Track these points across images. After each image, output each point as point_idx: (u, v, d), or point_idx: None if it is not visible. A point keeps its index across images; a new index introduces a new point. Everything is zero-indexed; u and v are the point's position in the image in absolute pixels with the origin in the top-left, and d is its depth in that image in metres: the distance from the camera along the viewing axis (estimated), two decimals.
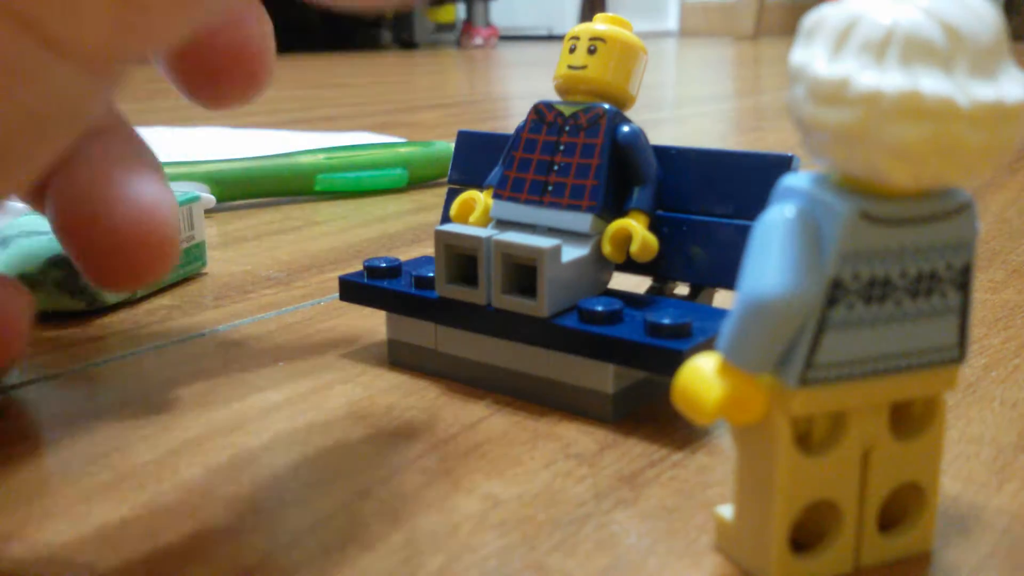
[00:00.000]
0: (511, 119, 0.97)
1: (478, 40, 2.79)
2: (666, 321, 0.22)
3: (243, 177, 0.49)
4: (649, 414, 0.23)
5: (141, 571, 0.17)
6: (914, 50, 0.13)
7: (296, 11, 2.71)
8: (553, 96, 0.26)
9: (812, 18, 0.14)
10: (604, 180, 0.24)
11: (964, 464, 0.21)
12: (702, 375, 0.15)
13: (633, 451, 0.22)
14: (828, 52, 0.14)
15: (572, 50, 0.25)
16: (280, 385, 0.25)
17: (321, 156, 0.51)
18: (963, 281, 0.16)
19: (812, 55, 0.14)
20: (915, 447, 0.17)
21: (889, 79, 0.13)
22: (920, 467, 0.17)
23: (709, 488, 0.20)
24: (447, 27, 2.91)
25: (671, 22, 3.68)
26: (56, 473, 0.21)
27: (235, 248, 0.41)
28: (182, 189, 0.37)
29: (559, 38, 3.17)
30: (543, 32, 3.28)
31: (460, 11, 2.94)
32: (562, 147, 0.25)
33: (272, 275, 0.36)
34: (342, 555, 0.17)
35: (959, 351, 0.16)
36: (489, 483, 0.20)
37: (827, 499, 0.16)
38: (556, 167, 0.25)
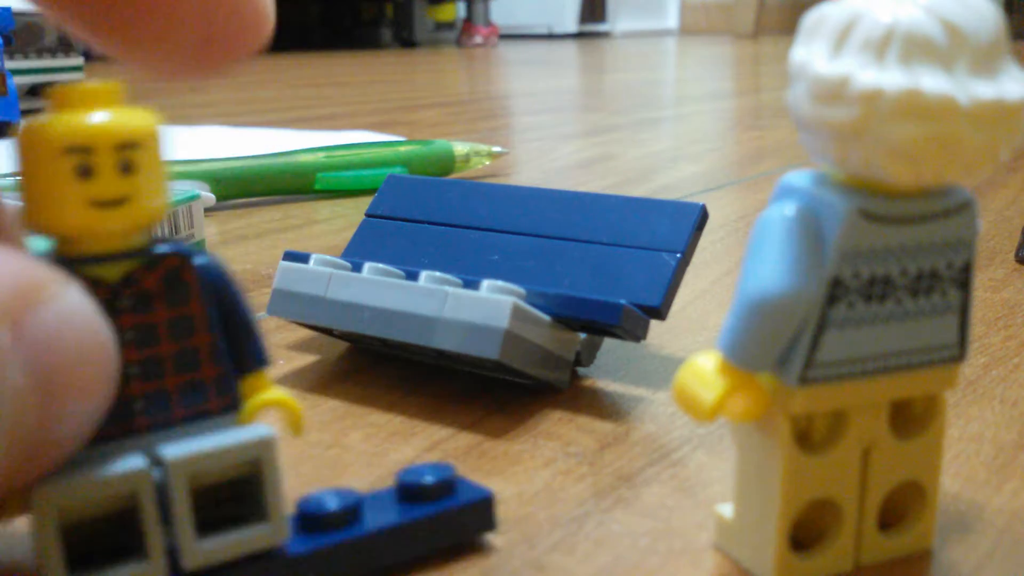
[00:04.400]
0: (511, 117, 0.97)
1: (478, 39, 2.78)
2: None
3: (243, 176, 0.49)
4: (649, 413, 0.23)
5: None
6: (915, 48, 0.13)
7: (294, 10, 2.71)
8: (553, 92, 0.26)
9: (813, 16, 0.14)
10: (226, 361, 0.16)
11: (964, 463, 0.21)
12: (702, 374, 0.15)
13: (633, 450, 0.21)
14: (828, 50, 0.14)
15: (85, 173, 0.14)
16: (282, 384, 0.25)
17: (321, 155, 0.51)
18: (964, 280, 0.16)
19: (812, 53, 0.14)
20: (915, 446, 0.17)
21: (889, 77, 0.13)
22: (920, 466, 0.17)
23: (709, 486, 0.20)
24: (447, 26, 2.91)
25: (671, 20, 3.68)
26: None
27: (236, 246, 0.41)
28: (182, 187, 0.37)
29: (559, 36, 3.17)
30: (543, 31, 3.28)
31: (460, 10, 2.94)
32: (131, 335, 0.15)
33: (273, 273, 0.36)
34: None
35: (959, 350, 0.16)
36: (489, 481, 0.20)
37: (827, 497, 0.16)
38: (135, 371, 0.15)
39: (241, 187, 0.49)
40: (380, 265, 0.25)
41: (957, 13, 0.13)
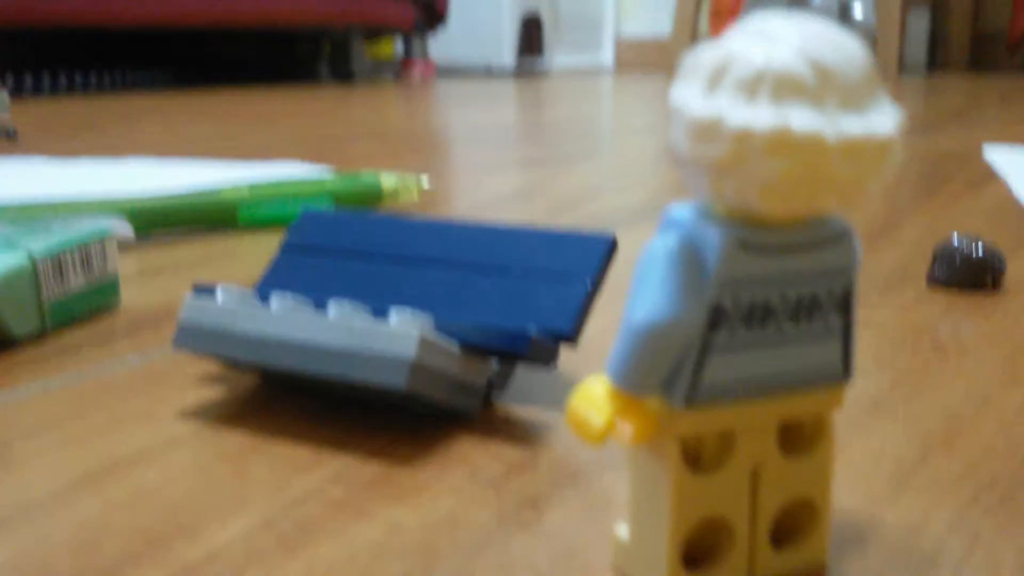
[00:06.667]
0: (445, 150, 0.97)
1: (416, 75, 2.80)
2: None
3: (164, 210, 0.48)
4: (559, 438, 0.24)
5: None
6: (784, 88, 0.14)
7: (230, 47, 2.69)
8: (488, 127, 0.26)
9: (690, 58, 0.15)
10: None
11: (863, 478, 0.21)
12: (592, 398, 0.16)
13: (540, 474, 0.22)
14: (703, 90, 0.14)
15: None
16: (188, 417, 0.25)
17: (245, 189, 0.51)
18: (845, 305, 0.16)
19: (688, 94, 0.14)
20: (805, 464, 0.17)
21: (760, 116, 0.13)
22: (811, 483, 0.17)
23: (612, 508, 0.20)
24: (385, 63, 2.92)
25: (606, 57, 3.73)
26: None
27: (153, 280, 0.40)
28: (97, 223, 0.37)
29: (497, 73, 3.19)
30: (481, 67, 3.30)
31: (398, 46, 2.95)
32: None
33: None
34: None
35: (843, 372, 0.17)
36: (393, 510, 0.20)
37: (718, 516, 0.17)
38: None
39: (162, 221, 0.48)
40: (289, 296, 0.24)
41: (825, 54, 0.14)
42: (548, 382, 0.28)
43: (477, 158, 0.87)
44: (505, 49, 3.31)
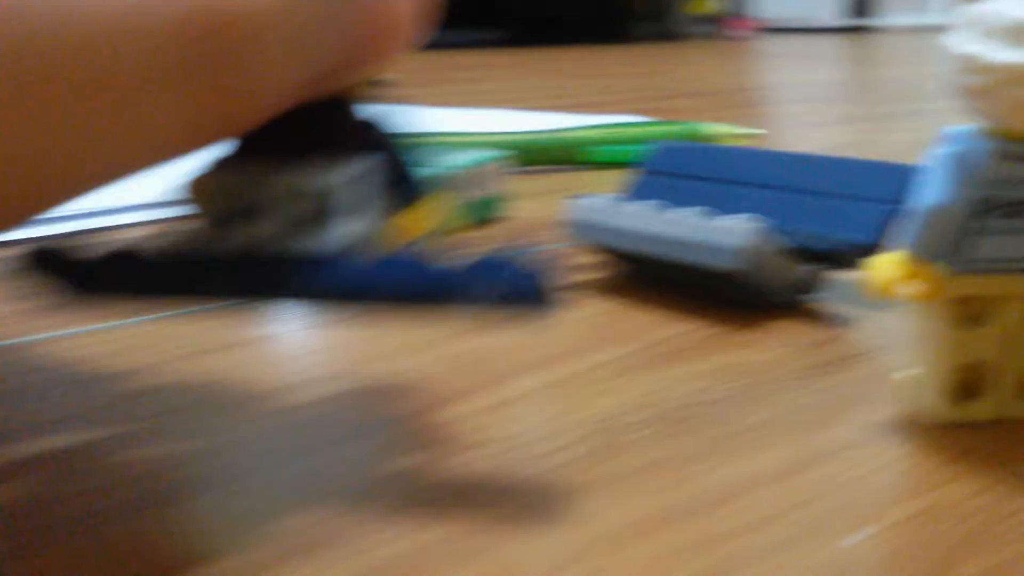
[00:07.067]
0: (766, 107, 1.01)
1: (737, 32, 2.80)
2: None
3: (532, 146, 0.58)
4: (859, 325, 0.30)
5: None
6: (1022, 36, 0.19)
7: (554, 5, 2.82)
8: (811, 84, 0.33)
9: (963, 14, 0.21)
10: None
11: None
12: (886, 262, 0.22)
13: (842, 346, 0.28)
14: (968, 37, 0.20)
15: None
16: (574, 290, 0.34)
17: (592, 132, 0.60)
18: None
19: (960, 39, 0.20)
20: None
21: (1004, 56, 0.19)
22: None
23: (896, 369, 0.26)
24: (705, 19, 2.94)
25: (945, 16, 3.52)
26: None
27: (527, 200, 0.50)
28: (484, 153, 0.47)
29: (823, 30, 3.11)
30: (806, 24, 3.24)
31: (719, 3, 2.96)
32: None
33: (554, 220, 0.45)
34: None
35: None
36: (722, 356, 0.27)
37: (977, 362, 0.22)
38: None
39: (530, 156, 0.58)
40: (651, 201, 0.32)
41: None
42: (853, 285, 0.34)
43: (802, 114, 0.91)
44: (832, 6, 3.21)
